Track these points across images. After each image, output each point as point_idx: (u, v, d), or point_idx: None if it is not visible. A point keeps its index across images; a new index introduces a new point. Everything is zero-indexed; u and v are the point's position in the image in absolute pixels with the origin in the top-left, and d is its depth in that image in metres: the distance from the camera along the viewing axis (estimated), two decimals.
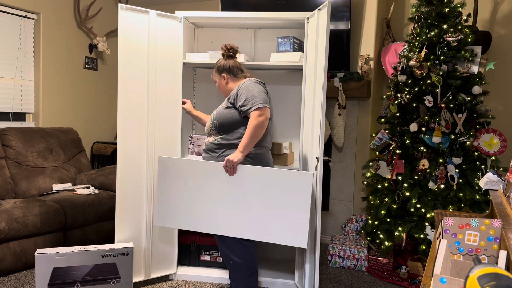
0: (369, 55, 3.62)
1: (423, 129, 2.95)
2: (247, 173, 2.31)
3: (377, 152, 3.25)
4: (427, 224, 2.86)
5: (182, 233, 3.09)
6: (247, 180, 2.32)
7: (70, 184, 3.75)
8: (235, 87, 2.45)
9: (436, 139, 2.86)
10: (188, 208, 2.46)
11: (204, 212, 2.42)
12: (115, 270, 2.58)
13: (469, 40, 2.93)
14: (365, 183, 3.45)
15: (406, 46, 3.17)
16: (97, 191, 3.59)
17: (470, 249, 1.37)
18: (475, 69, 2.90)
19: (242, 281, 2.40)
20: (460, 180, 2.86)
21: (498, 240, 1.34)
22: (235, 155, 2.27)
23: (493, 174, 1.75)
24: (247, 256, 2.38)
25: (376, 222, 3.12)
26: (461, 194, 2.82)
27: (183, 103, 2.91)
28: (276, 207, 2.29)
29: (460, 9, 2.96)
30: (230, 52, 2.53)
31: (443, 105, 2.88)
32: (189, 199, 2.45)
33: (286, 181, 2.27)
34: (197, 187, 2.41)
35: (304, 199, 2.25)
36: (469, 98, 2.88)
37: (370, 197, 3.24)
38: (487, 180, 1.75)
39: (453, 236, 1.40)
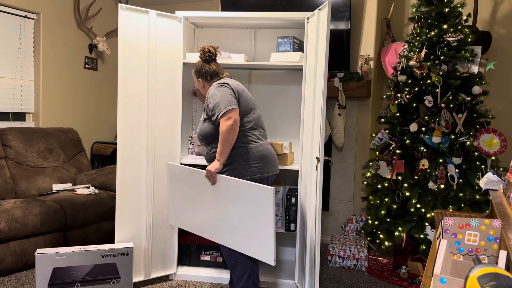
0: (369, 55, 3.62)
1: (423, 129, 2.95)
2: (222, 183, 2.32)
3: (377, 152, 3.25)
4: (427, 224, 2.86)
5: (182, 233, 3.10)
6: (223, 190, 2.33)
7: (70, 184, 3.75)
8: None
9: (436, 139, 2.86)
10: (189, 212, 2.57)
11: (198, 217, 2.51)
12: (115, 270, 2.58)
13: (469, 40, 2.93)
14: (365, 183, 3.45)
15: (406, 46, 3.17)
16: (97, 191, 3.59)
17: (470, 249, 1.37)
18: (475, 69, 2.90)
19: (240, 281, 2.41)
20: (460, 180, 2.86)
21: (498, 240, 1.34)
22: (213, 165, 2.30)
23: (493, 174, 1.75)
24: (246, 257, 2.39)
25: (376, 222, 3.12)
26: (461, 194, 2.82)
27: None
28: (245, 220, 2.28)
29: (460, 9, 2.96)
30: (206, 56, 2.49)
31: (443, 105, 2.88)
32: (189, 204, 2.55)
33: (250, 194, 2.23)
34: (193, 194, 2.50)
35: (267, 215, 2.19)
36: (469, 98, 2.88)
37: (370, 197, 3.24)
38: (487, 180, 1.75)
39: (453, 236, 1.40)
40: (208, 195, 2.41)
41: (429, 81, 2.92)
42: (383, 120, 3.27)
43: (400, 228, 2.95)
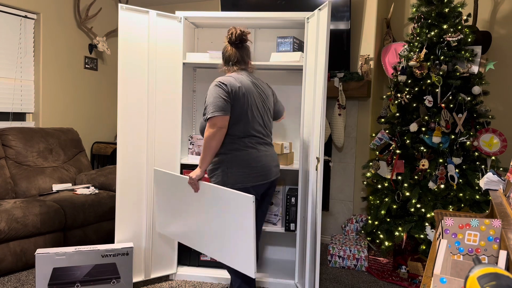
0: (369, 55, 3.62)
1: (423, 129, 2.95)
2: (205, 190, 2.24)
3: (377, 152, 3.25)
4: (427, 224, 2.86)
5: None
6: (206, 197, 2.25)
7: (70, 184, 3.75)
8: None
9: (436, 139, 2.86)
10: (175, 220, 2.49)
11: (183, 225, 2.44)
12: (115, 270, 2.58)
13: (469, 40, 2.93)
14: (365, 183, 3.45)
15: (406, 46, 3.17)
16: (97, 191, 3.59)
17: (470, 249, 1.37)
18: (475, 69, 2.90)
19: (235, 283, 2.41)
20: (460, 180, 2.86)
21: (498, 240, 1.34)
22: (195, 171, 2.24)
23: (493, 174, 1.75)
24: None
25: (376, 222, 3.12)
26: (461, 194, 2.82)
27: None
28: (227, 229, 2.19)
29: (460, 9, 2.96)
30: (228, 37, 2.33)
31: (443, 105, 2.88)
32: (174, 211, 2.48)
33: (230, 202, 2.14)
34: (178, 201, 2.42)
35: (247, 224, 2.09)
36: (469, 98, 2.88)
37: (370, 197, 3.24)
38: (487, 180, 1.75)
39: (453, 236, 1.40)
40: (192, 202, 2.33)
41: (429, 81, 2.92)
42: (383, 120, 3.27)
43: (400, 228, 2.95)
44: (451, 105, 2.90)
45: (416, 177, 2.97)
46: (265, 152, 2.31)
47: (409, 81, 3.06)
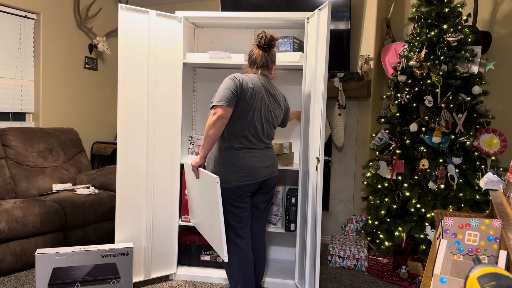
0: (369, 55, 3.62)
1: (423, 129, 2.95)
2: (200, 177, 2.37)
3: (377, 152, 3.25)
4: (427, 224, 2.86)
5: (182, 233, 3.10)
6: (201, 183, 2.37)
7: (70, 184, 3.75)
8: None
9: (436, 139, 2.86)
10: (193, 209, 2.62)
11: (196, 213, 2.56)
12: (115, 270, 2.58)
13: (469, 40, 2.93)
14: (365, 183, 3.45)
15: (406, 46, 3.17)
16: (97, 191, 3.59)
17: (470, 249, 1.37)
18: (475, 69, 2.90)
19: (230, 284, 2.42)
20: (460, 180, 2.86)
21: (498, 240, 1.34)
22: (195, 159, 2.34)
23: (493, 174, 1.75)
24: (237, 260, 2.38)
25: (376, 222, 3.12)
26: (461, 194, 2.82)
27: None
28: (208, 212, 2.32)
29: (460, 9, 2.96)
30: (258, 41, 2.37)
31: (443, 105, 2.88)
32: (192, 201, 2.60)
33: (206, 184, 2.26)
34: (194, 191, 2.53)
35: (215, 205, 2.19)
36: (469, 98, 2.88)
37: (370, 197, 3.24)
38: (487, 180, 1.75)
39: (453, 236, 1.40)
40: (198, 189, 2.46)
41: (429, 81, 2.92)
42: (383, 120, 3.27)
43: (400, 228, 2.95)
44: (451, 105, 2.90)
45: (416, 177, 2.97)
46: (253, 154, 2.35)
47: (409, 81, 3.06)
